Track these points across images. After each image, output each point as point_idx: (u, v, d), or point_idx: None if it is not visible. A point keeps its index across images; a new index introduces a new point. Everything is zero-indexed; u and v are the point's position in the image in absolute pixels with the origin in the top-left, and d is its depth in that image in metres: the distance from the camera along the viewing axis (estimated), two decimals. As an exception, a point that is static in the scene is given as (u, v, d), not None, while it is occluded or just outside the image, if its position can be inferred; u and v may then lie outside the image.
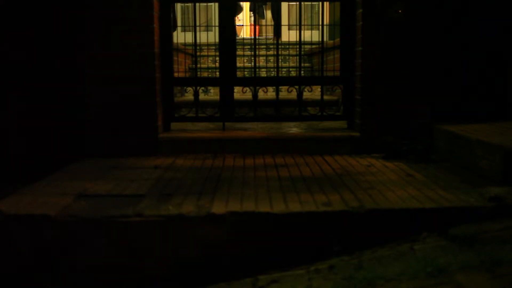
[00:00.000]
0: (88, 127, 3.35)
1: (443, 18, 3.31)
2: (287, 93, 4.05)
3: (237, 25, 7.03)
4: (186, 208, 2.14)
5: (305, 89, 3.75)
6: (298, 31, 3.78)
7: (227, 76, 3.68)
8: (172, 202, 2.23)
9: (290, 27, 5.89)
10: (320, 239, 2.10)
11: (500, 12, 3.31)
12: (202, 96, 3.93)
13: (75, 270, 2.12)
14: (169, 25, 3.58)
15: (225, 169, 2.95)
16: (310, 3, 7.48)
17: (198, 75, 4.69)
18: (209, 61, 5.70)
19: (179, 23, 6.68)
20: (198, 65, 4.79)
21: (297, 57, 3.97)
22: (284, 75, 5.89)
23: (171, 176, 2.77)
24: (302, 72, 4.27)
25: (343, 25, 3.64)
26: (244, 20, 11.35)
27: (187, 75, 5.45)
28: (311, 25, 6.21)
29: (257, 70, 4.74)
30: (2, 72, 3.40)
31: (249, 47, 5.90)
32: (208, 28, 4.97)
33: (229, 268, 2.06)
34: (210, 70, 5.64)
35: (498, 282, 1.53)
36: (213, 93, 5.30)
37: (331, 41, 5.01)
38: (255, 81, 3.78)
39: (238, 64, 4.27)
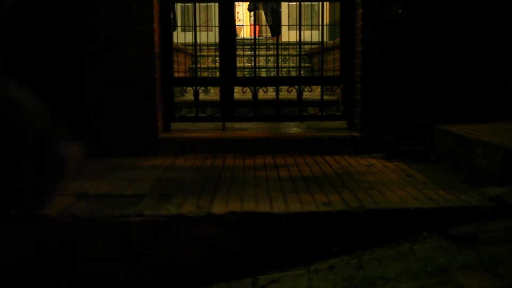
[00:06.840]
0: (88, 127, 3.35)
1: (443, 18, 3.31)
2: (287, 93, 4.05)
3: (237, 25, 7.04)
4: (186, 208, 2.14)
5: (305, 89, 3.75)
6: (298, 31, 3.78)
7: (227, 76, 3.68)
8: (172, 202, 2.23)
9: (290, 27, 5.89)
10: (320, 239, 2.10)
11: (500, 15, 3.32)
12: (202, 96, 3.92)
13: (75, 270, 2.12)
14: (169, 25, 3.58)
15: (225, 169, 2.95)
16: (310, 3, 7.48)
17: (198, 75, 4.70)
18: (209, 61, 5.70)
19: (179, 23, 6.68)
20: (198, 65, 4.79)
21: (297, 57, 3.98)
22: (284, 75, 5.88)
23: (171, 176, 2.77)
24: (302, 72, 4.27)
25: (343, 25, 3.64)
26: (244, 20, 11.34)
27: (187, 75, 5.45)
28: (311, 25, 6.21)
29: (257, 70, 4.73)
30: (5, 72, 3.39)
31: (249, 47, 5.90)
32: (208, 28, 4.96)
33: (229, 268, 2.06)
34: (210, 70, 5.64)
35: (498, 282, 1.53)
36: (213, 93, 5.29)
37: (331, 41, 5.01)
38: (255, 81, 3.78)
39: (238, 64, 4.27)
